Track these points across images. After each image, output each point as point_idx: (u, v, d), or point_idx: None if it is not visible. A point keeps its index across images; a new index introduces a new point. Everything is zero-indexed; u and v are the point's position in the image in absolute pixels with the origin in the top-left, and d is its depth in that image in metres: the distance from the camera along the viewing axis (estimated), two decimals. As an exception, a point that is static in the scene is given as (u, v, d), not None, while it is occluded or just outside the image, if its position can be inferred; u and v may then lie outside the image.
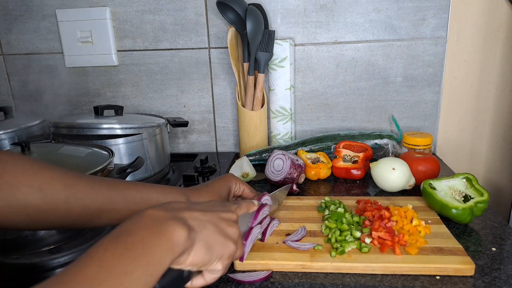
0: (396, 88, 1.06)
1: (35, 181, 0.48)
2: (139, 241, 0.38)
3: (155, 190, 0.57)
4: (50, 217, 0.49)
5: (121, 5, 1.08)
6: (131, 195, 0.54)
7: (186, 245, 0.40)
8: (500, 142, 1.08)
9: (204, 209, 0.46)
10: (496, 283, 0.53)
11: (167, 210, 0.43)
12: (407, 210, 0.68)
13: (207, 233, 0.43)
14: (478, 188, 0.70)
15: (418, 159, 0.84)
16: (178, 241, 0.40)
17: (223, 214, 0.47)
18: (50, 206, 0.48)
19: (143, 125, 0.92)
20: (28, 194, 0.47)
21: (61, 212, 0.49)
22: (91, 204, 0.51)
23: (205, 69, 1.11)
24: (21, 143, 0.69)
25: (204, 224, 0.44)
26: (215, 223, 0.45)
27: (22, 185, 0.47)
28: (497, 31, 1.00)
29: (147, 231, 0.39)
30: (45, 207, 0.48)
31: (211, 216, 0.45)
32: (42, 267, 0.59)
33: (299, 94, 1.10)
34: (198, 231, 0.43)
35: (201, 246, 0.42)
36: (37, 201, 0.47)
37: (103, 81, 1.16)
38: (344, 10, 1.02)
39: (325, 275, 0.56)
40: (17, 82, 1.19)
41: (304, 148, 1.00)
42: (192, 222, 0.43)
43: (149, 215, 0.41)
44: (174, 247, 0.39)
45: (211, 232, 0.44)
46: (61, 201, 0.49)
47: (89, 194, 0.51)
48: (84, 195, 0.50)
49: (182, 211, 0.44)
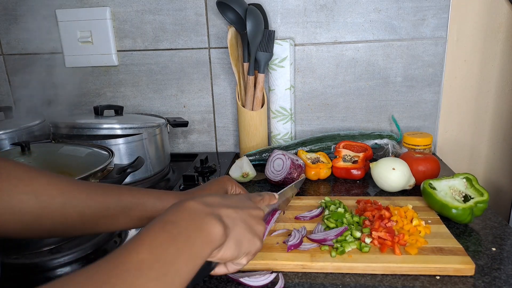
0: (396, 88, 1.06)
1: (30, 188, 0.47)
2: (183, 232, 0.39)
3: (150, 195, 0.56)
4: (46, 224, 0.49)
5: (121, 5, 1.08)
6: (126, 201, 0.54)
7: (222, 240, 0.42)
8: (500, 142, 1.08)
9: (236, 205, 0.48)
10: (496, 283, 0.53)
11: (206, 204, 0.44)
12: (407, 210, 0.68)
13: (239, 231, 0.45)
14: (478, 188, 0.70)
15: (418, 159, 0.84)
16: (215, 236, 0.41)
17: (253, 212, 0.49)
18: (46, 213, 0.48)
19: (143, 125, 0.92)
20: (24, 201, 0.46)
21: (57, 219, 0.49)
22: (86, 210, 0.51)
23: (205, 69, 1.11)
24: (21, 143, 0.69)
25: (236, 222, 0.46)
26: (246, 221, 0.47)
27: (18, 192, 0.46)
28: (497, 31, 1.00)
29: (190, 223, 0.41)
30: (40, 214, 0.48)
31: (243, 214, 0.47)
32: (42, 267, 0.59)
33: (299, 94, 1.10)
34: (231, 229, 0.44)
35: (232, 242, 0.44)
36: (33, 208, 0.47)
37: (103, 81, 1.16)
38: (344, 10, 1.02)
39: (325, 275, 0.56)
40: (17, 82, 1.19)
41: (304, 148, 1.00)
42: (226, 219, 0.44)
43: (190, 207, 0.42)
44: (211, 242, 0.41)
45: (242, 229, 0.46)
46: (57, 207, 0.49)
47: (85, 200, 0.51)
48: (80, 202, 0.50)
49: (218, 208, 0.45)
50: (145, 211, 0.55)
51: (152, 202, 0.56)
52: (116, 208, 0.53)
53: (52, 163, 0.70)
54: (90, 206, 0.51)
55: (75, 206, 0.50)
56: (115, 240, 0.67)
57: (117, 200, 0.53)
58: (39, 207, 0.47)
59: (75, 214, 0.50)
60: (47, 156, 0.72)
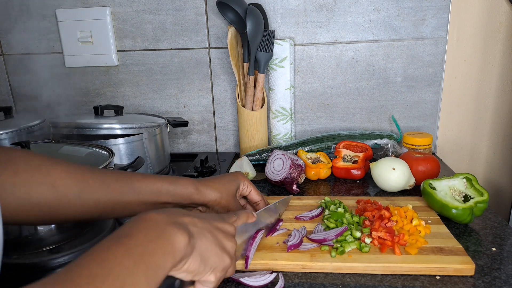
0: (396, 88, 1.06)
1: (48, 178, 0.48)
2: (140, 244, 0.37)
3: (164, 180, 0.57)
4: (63, 213, 0.50)
5: (121, 5, 1.08)
6: (141, 187, 0.54)
7: (186, 251, 0.40)
8: (500, 142, 1.08)
9: (203, 217, 0.46)
10: (496, 283, 0.53)
11: (168, 214, 0.42)
12: (407, 210, 0.68)
13: (205, 242, 0.43)
14: (478, 188, 0.70)
15: (418, 159, 0.84)
16: (179, 246, 0.40)
17: (222, 226, 0.47)
18: (63, 202, 0.49)
19: (143, 125, 0.92)
20: (42, 192, 0.47)
21: (74, 208, 0.50)
22: (102, 198, 0.51)
23: (205, 69, 1.11)
24: (21, 143, 0.69)
25: (203, 232, 0.44)
26: (213, 233, 0.45)
27: (36, 183, 0.47)
28: (497, 31, 1.00)
29: (148, 234, 0.39)
30: (58, 203, 0.49)
31: (210, 226, 0.45)
32: (42, 267, 0.59)
33: (299, 94, 1.10)
34: (197, 238, 0.42)
35: (197, 254, 0.42)
36: (50, 198, 0.48)
37: (103, 81, 1.16)
38: (344, 10, 1.02)
39: (325, 275, 0.56)
40: (17, 82, 1.19)
41: (304, 148, 1.00)
42: (192, 228, 0.43)
43: (150, 218, 0.41)
44: (174, 252, 0.39)
45: (209, 241, 0.44)
46: (73, 196, 0.49)
47: (100, 188, 0.51)
48: (95, 190, 0.51)
49: (183, 217, 0.43)
50: (159, 197, 0.56)
51: (165, 188, 0.56)
52: (130, 194, 0.54)
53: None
54: (105, 194, 0.52)
55: (91, 194, 0.51)
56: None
57: (131, 187, 0.54)
58: (56, 197, 0.48)
59: (91, 202, 0.51)
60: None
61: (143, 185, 0.55)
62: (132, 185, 0.54)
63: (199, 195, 0.59)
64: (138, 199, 0.54)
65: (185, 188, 0.57)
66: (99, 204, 0.51)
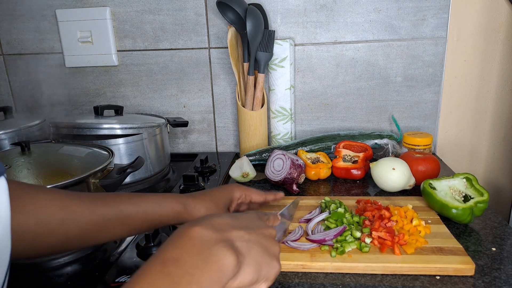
0: (396, 88, 1.06)
1: (31, 207, 0.46)
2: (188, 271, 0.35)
3: (151, 201, 0.55)
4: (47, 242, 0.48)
5: (121, 5, 1.08)
6: (127, 210, 0.53)
7: (235, 271, 0.38)
8: (500, 142, 1.08)
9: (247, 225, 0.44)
10: (496, 283, 0.53)
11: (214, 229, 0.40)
12: (407, 210, 0.68)
13: (254, 255, 0.41)
14: (478, 188, 0.70)
15: (418, 159, 0.84)
16: (227, 268, 0.38)
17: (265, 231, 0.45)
18: (47, 230, 0.47)
19: (143, 125, 0.92)
20: (24, 222, 0.45)
21: (58, 236, 0.48)
22: (87, 224, 0.50)
23: (205, 69, 1.11)
24: (21, 143, 0.69)
25: (250, 245, 0.41)
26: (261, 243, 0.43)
27: (18, 213, 0.44)
28: (497, 31, 1.00)
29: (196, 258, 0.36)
30: (41, 232, 0.46)
31: (257, 236, 0.43)
32: (42, 267, 0.60)
33: (299, 94, 1.10)
34: (245, 254, 0.40)
35: (249, 269, 0.40)
36: (34, 227, 0.46)
37: (103, 81, 1.16)
38: (344, 10, 1.02)
39: (325, 275, 0.56)
40: (17, 82, 1.19)
41: (304, 148, 1.00)
42: (239, 243, 0.40)
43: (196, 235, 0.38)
44: (223, 276, 0.37)
45: (258, 253, 0.41)
46: (56, 224, 0.47)
47: (84, 214, 0.49)
48: (80, 216, 0.49)
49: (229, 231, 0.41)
50: (146, 219, 0.54)
51: (152, 208, 0.55)
52: (117, 218, 0.52)
53: (52, 163, 0.70)
54: (90, 220, 0.50)
55: (75, 221, 0.49)
56: (115, 240, 0.67)
57: (117, 210, 0.52)
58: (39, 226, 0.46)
59: (76, 229, 0.49)
60: (47, 156, 0.72)
61: (129, 208, 0.53)
62: (118, 209, 0.52)
63: (186, 214, 0.58)
64: (124, 223, 0.53)
65: (171, 209, 0.56)
66: (84, 230, 0.50)
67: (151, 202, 0.55)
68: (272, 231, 0.46)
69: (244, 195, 0.65)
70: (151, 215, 0.54)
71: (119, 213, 0.52)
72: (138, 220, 0.53)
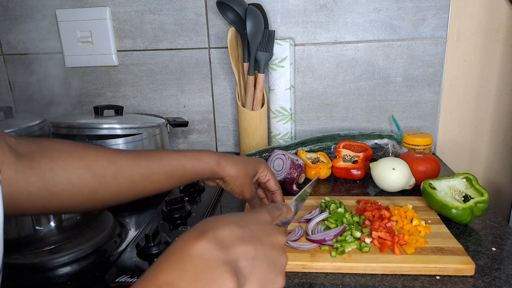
0: (396, 88, 1.06)
1: (83, 162, 0.49)
2: None
3: (188, 156, 0.59)
4: (102, 195, 0.51)
5: (121, 5, 1.08)
6: (169, 163, 0.57)
7: None
8: (500, 142, 1.08)
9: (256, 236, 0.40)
10: (496, 283, 0.53)
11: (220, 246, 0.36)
12: (407, 210, 0.68)
13: (258, 273, 0.38)
14: (478, 188, 0.70)
15: (418, 159, 0.84)
16: None
17: (275, 241, 0.41)
18: (102, 183, 0.50)
19: (143, 125, 0.92)
20: (81, 175, 0.49)
21: (112, 189, 0.52)
22: (135, 176, 0.54)
23: (205, 69, 1.11)
24: (21, 143, 0.69)
25: (256, 263, 0.38)
26: (267, 256, 0.39)
27: (73, 167, 0.48)
28: (497, 31, 1.00)
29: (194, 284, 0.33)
30: (97, 185, 0.50)
31: (264, 249, 0.39)
32: (42, 267, 0.59)
33: (299, 94, 1.10)
34: (248, 276, 0.37)
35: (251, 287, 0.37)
36: (90, 181, 0.49)
37: (103, 81, 1.16)
38: (344, 10, 1.02)
39: (325, 275, 0.56)
40: (17, 82, 1.19)
41: (304, 148, 1.00)
42: (243, 263, 0.37)
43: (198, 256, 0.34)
44: None
45: (263, 270, 0.38)
46: (109, 177, 0.51)
47: (132, 167, 0.53)
48: (129, 169, 0.53)
49: (235, 246, 0.37)
50: (185, 172, 0.58)
51: (190, 163, 0.59)
52: (160, 171, 0.56)
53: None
54: (138, 172, 0.54)
55: (125, 173, 0.53)
56: (115, 240, 0.67)
57: (160, 164, 0.56)
58: (95, 179, 0.50)
59: (126, 181, 0.53)
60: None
61: (171, 162, 0.57)
62: (160, 163, 0.56)
63: (219, 168, 0.61)
64: (167, 175, 0.57)
65: (207, 163, 0.60)
66: (134, 182, 0.54)
67: (189, 157, 0.59)
68: (282, 239, 0.43)
69: (265, 174, 0.67)
70: (190, 169, 0.59)
71: (162, 166, 0.56)
72: (178, 173, 0.58)
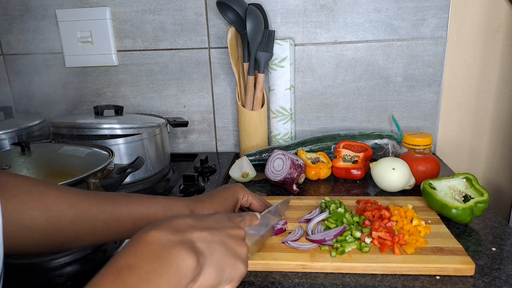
0: (396, 88, 1.06)
1: (41, 203, 0.46)
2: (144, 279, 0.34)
3: (160, 204, 0.55)
4: (57, 239, 0.48)
5: (121, 5, 1.08)
6: (136, 211, 0.53)
7: (194, 273, 0.37)
8: (500, 142, 1.08)
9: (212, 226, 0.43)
10: (496, 283, 0.53)
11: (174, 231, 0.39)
12: (407, 210, 0.68)
13: (217, 256, 0.40)
14: (478, 188, 0.70)
15: (418, 159, 0.84)
16: (186, 272, 0.36)
17: (232, 231, 0.44)
18: (57, 227, 0.47)
19: (143, 125, 0.92)
20: (35, 217, 0.45)
21: (69, 234, 0.48)
22: (97, 223, 0.50)
23: (205, 69, 1.11)
24: (21, 143, 0.69)
25: (213, 246, 0.40)
26: (225, 243, 0.42)
27: (29, 208, 0.45)
28: (497, 31, 1.00)
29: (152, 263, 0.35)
30: (52, 228, 0.47)
31: (221, 236, 0.42)
32: (42, 267, 0.60)
33: (299, 94, 1.10)
34: (207, 255, 0.39)
35: (210, 271, 0.39)
36: (44, 224, 0.46)
37: (103, 81, 1.16)
38: (344, 10, 1.02)
39: (325, 275, 0.56)
40: (17, 82, 1.19)
41: (304, 148, 1.00)
42: (200, 244, 0.39)
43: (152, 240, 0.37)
44: (182, 279, 0.36)
45: (221, 254, 0.40)
46: (68, 221, 0.48)
47: (96, 213, 0.50)
48: (91, 214, 0.49)
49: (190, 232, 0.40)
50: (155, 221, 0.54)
51: (161, 212, 0.55)
52: (126, 218, 0.52)
53: (52, 163, 0.70)
54: (100, 219, 0.50)
55: (86, 219, 0.49)
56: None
57: (127, 210, 0.52)
58: (50, 223, 0.46)
59: (86, 227, 0.49)
60: (47, 156, 0.72)
61: (139, 209, 0.53)
62: (127, 209, 0.52)
63: None
64: (133, 223, 0.53)
65: (179, 213, 0.56)
66: (95, 229, 0.50)
67: (161, 206, 0.55)
68: (240, 231, 0.45)
69: (246, 199, 0.65)
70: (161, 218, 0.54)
71: (129, 213, 0.52)
72: (147, 222, 0.53)
